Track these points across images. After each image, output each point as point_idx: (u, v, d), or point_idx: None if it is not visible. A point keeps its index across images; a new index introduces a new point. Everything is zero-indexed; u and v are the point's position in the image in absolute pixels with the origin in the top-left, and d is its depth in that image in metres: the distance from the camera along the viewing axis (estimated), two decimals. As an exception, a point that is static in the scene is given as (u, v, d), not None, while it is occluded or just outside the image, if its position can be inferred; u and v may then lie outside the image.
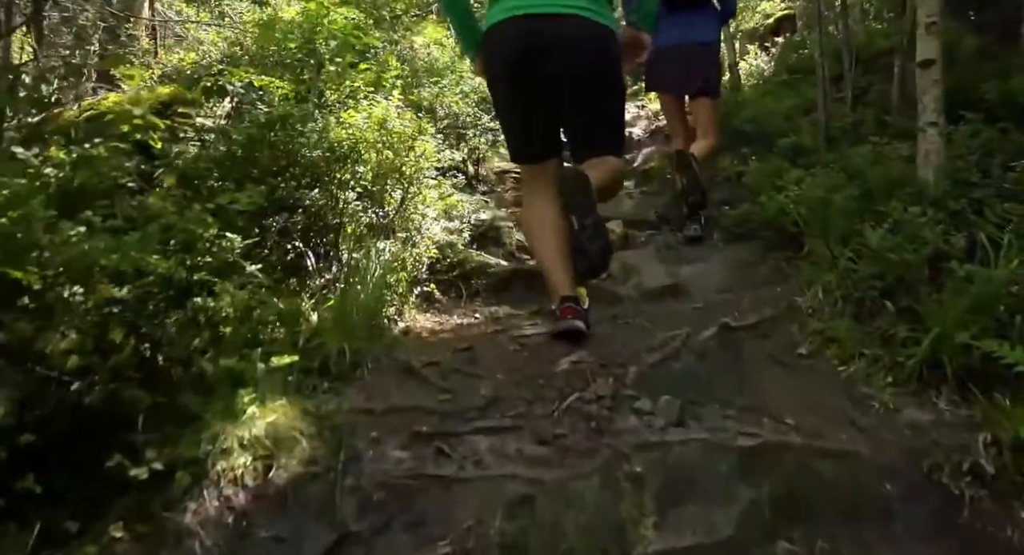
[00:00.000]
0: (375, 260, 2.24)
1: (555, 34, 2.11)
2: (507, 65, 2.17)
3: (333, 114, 2.47)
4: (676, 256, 3.51)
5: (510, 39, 2.15)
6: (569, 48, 2.12)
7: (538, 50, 2.10)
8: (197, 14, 4.67)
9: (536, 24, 2.11)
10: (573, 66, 2.14)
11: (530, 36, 2.11)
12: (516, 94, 2.21)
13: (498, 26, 2.16)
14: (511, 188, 4.94)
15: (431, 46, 6.18)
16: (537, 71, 2.13)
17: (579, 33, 2.13)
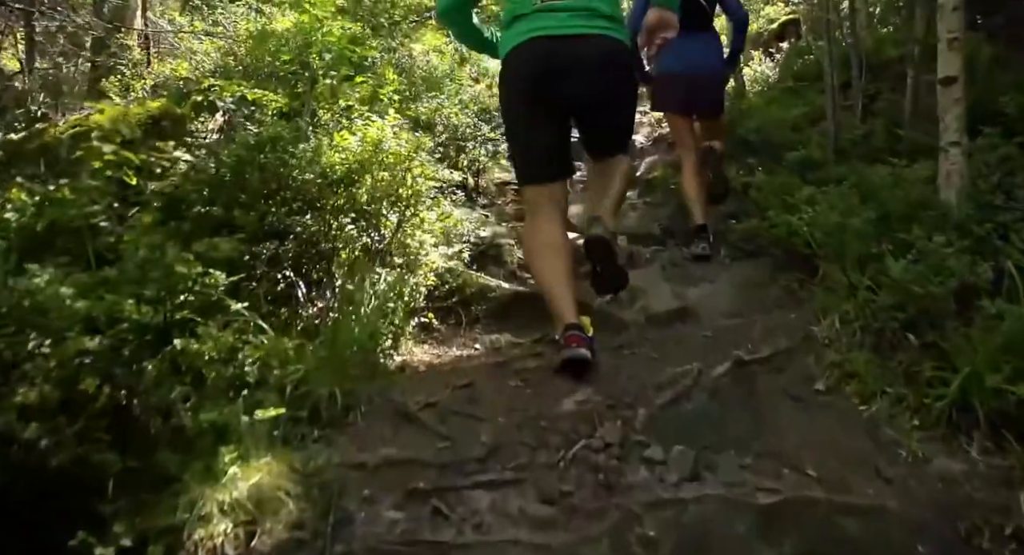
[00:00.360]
0: (370, 291, 2.13)
1: (573, 55, 2.12)
2: (526, 87, 2.18)
3: (326, 134, 2.36)
4: (683, 275, 3.39)
5: (527, 62, 2.16)
6: (588, 68, 2.14)
7: (557, 71, 2.12)
8: (191, 23, 4.57)
9: (554, 46, 2.12)
10: (592, 85, 2.16)
11: (548, 58, 2.12)
12: (534, 115, 2.20)
13: (515, 50, 2.17)
14: (512, 200, 4.83)
15: (430, 53, 6.08)
16: (556, 92, 2.14)
17: (597, 52, 2.15)
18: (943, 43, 2.32)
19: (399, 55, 5.50)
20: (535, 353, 2.40)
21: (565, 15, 2.13)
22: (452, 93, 4.80)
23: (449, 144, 4.42)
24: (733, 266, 3.54)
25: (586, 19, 2.15)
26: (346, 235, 2.22)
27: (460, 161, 4.48)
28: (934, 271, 1.98)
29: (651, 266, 3.56)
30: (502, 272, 3.37)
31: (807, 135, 4.23)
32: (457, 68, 6.13)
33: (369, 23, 5.39)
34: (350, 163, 2.16)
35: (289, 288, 2.17)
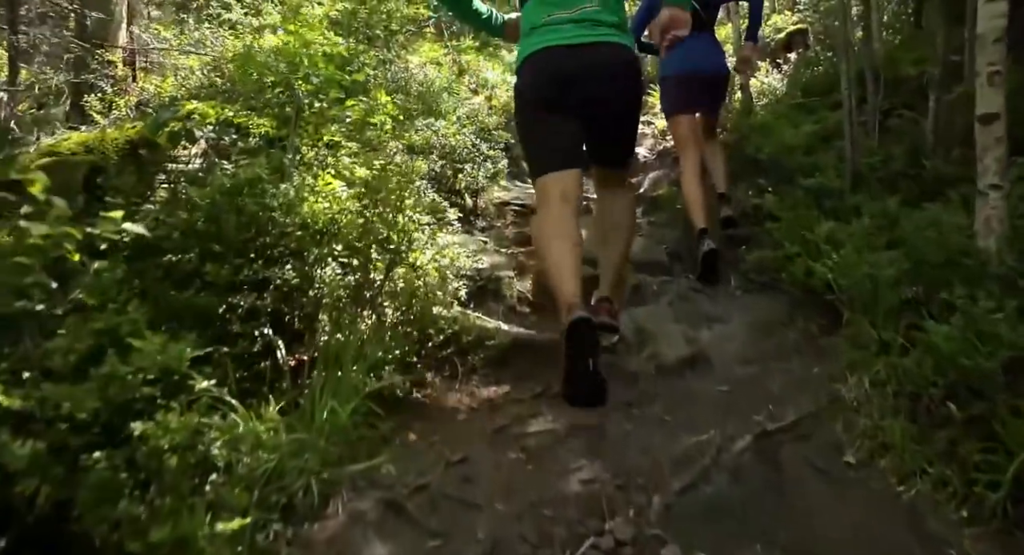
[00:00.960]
0: (355, 350, 1.93)
1: (582, 63, 2.23)
2: (538, 95, 2.29)
3: (310, 171, 2.16)
4: (693, 312, 3.19)
5: (539, 71, 2.28)
6: (596, 75, 2.24)
7: (567, 78, 2.23)
8: (177, 36, 4.37)
9: (564, 54, 2.23)
10: (600, 91, 2.27)
11: (558, 66, 2.24)
12: (547, 120, 2.30)
13: (528, 60, 2.30)
14: (511, 222, 4.63)
15: (427, 66, 5.88)
16: (567, 97, 2.25)
17: (605, 60, 2.26)
18: (983, 77, 2.12)
19: (395, 68, 5.30)
20: (536, 412, 2.21)
21: (573, 26, 2.25)
22: (449, 111, 4.60)
23: (446, 164, 4.23)
24: (745, 300, 3.35)
25: (593, 28, 2.26)
26: (330, 287, 2.02)
27: (457, 182, 4.28)
28: (981, 337, 1.79)
29: (659, 301, 3.36)
30: (501, 308, 3.18)
31: (821, 158, 4.01)
32: (455, 80, 5.93)
33: (364, 35, 5.19)
34: (333, 213, 1.97)
35: (267, 349, 1.98)
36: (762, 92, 6.49)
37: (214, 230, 2.09)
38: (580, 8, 2.27)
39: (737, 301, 3.34)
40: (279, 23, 3.28)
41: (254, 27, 4.61)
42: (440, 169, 4.17)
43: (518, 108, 2.44)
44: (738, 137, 5.13)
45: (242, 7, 4.35)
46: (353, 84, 3.04)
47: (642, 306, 3.28)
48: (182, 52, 4.19)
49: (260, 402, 1.81)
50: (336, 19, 5.00)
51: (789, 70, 6.65)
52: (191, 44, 4.34)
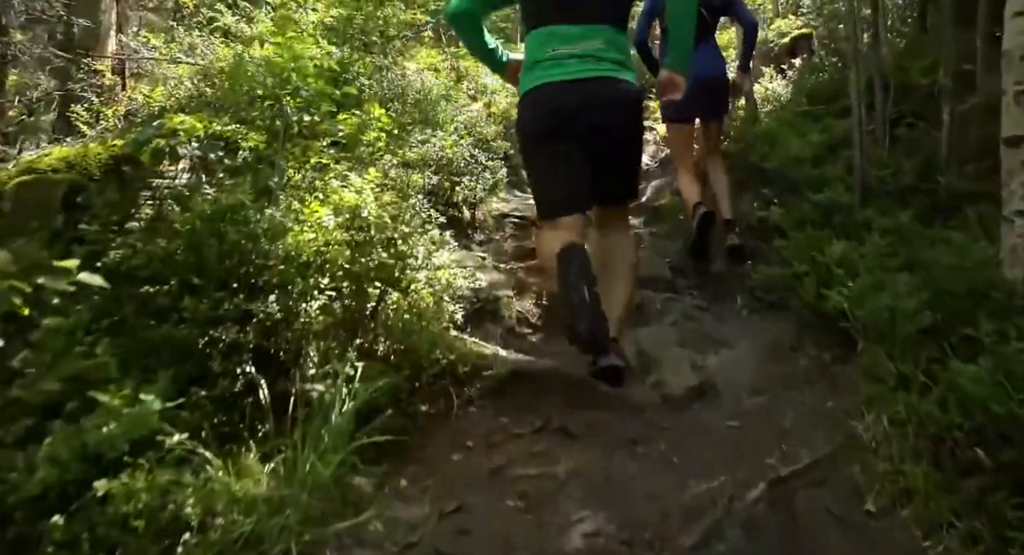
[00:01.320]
0: (344, 390, 1.82)
1: (584, 96, 2.23)
2: (541, 129, 2.29)
3: (296, 196, 2.04)
4: (699, 333, 3.08)
5: (544, 105, 2.27)
6: (598, 108, 2.24)
7: (569, 112, 2.23)
8: (167, 44, 4.25)
9: (566, 89, 2.23)
10: (603, 123, 2.27)
11: (560, 101, 2.24)
12: (549, 154, 2.30)
13: (530, 94, 2.30)
14: (510, 235, 4.51)
15: (425, 72, 5.76)
16: (568, 131, 2.24)
17: (606, 93, 2.26)
18: (1008, 96, 2.01)
19: (392, 75, 5.18)
20: (536, 450, 2.09)
21: (576, 61, 2.25)
22: (447, 121, 4.48)
23: (443, 176, 4.11)
24: (753, 320, 3.23)
25: (596, 63, 2.26)
26: (316, 321, 1.91)
27: (455, 195, 4.16)
28: (1010, 378, 1.67)
29: (663, 320, 3.24)
30: (500, 330, 3.06)
31: (829, 170, 3.89)
32: (453, 87, 5.81)
33: (361, 41, 5.07)
34: (319, 245, 1.85)
35: (249, 386, 1.86)
36: (766, 98, 6.37)
37: (194, 259, 1.97)
38: (584, 45, 2.27)
39: (744, 322, 3.23)
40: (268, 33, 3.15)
41: (246, 36, 4.49)
42: (437, 182, 4.05)
43: (521, 142, 2.44)
44: (742, 146, 5.00)
45: (233, 13, 4.23)
46: (345, 97, 2.91)
47: (645, 326, 3.16)
48: (171, 61, 4.06)
49: (240, 448, 1.69)
50: (331, 25, 4.89)
51: (794, 76, 6.53)
52: (182, 51, 4.22)
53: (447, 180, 4.05)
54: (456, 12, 2.41)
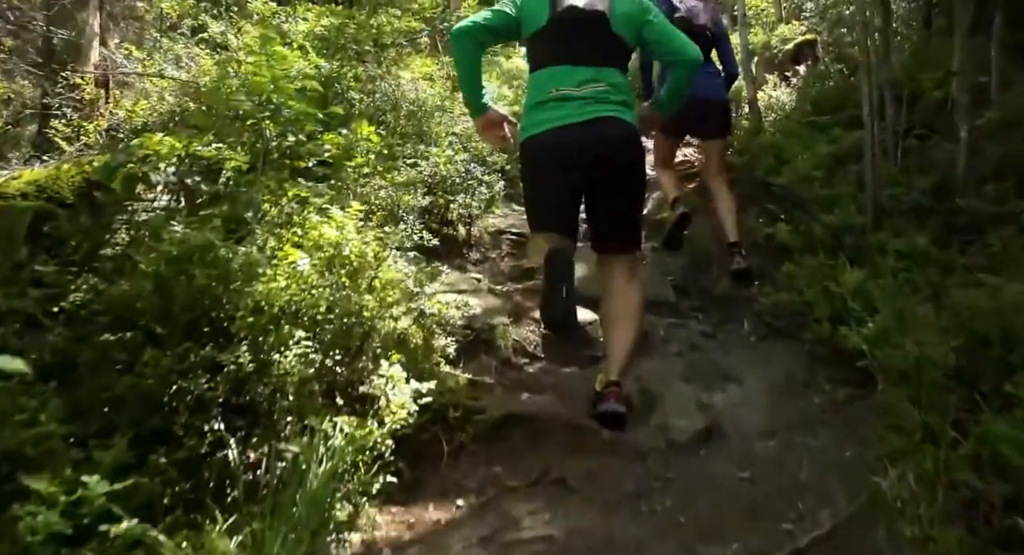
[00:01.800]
0: (321, 450, 1.66)
1: (584, 139, 2.28)
2: (543, 172, 2.38)
3: (273, 233, 1.88)
4: (705, 365, 2.92)
5: (545, 151, 2.33)
6: (597, 149, 2.29)
7: (570, 156, 2.29)
8: (150, 56, 4.09)
9: (568, 133, 2.29)
10: (600, 162, 2.32)
11: (562, 146, 2.30)
12: (549, 192, 2.41)
13: (534, 139, 2.36)
14: (507, 253, 4.35)
15: (420, 81, 5.60)
16: (569, 171, 2.31)
17: (606, 135, 2.30)
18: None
19: (385, 85, 5.02)
20: (532, 509, 1.93)
21: (578, 103, 2.30)
22: (441, 135, 4.31)
23: (437, 194, 3.95)
24: (761, 350, 3.07)
25: (597, 105, 2.31)
26: (291, 373, 1.75)
27: (449, 212, 4.01)
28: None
29: (667, 350, 3.09)
30: (495, 362, 2.90)
31: (838, 186, 3.73)
32: (449, 96, 5.65)
33: (353, 50, 4.91)
34: (291, 294, 1.69)
35: (218, 445, 1.70)
36: (769, 107, 6.21)
37: (160, 303, 1.81)
38: (589, 87, 2.32)
39: (752, 350, 3.07)
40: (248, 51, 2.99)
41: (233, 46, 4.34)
42: (431, 200, 3.90)
43: (524, 175, 2.54)
44: (747, 158, 4.84)
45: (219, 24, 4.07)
46: (331, 117, 2.75)
47: (648, 357, 3.00)
48: (151, 76, 3.90)
49: (204, 519, 1.54)
50: (322, 35, 4.74)
51: (798, 83, 6.37)
52: (168, 62, 4.06)
53: (441, 198, 3.90)
54: (463, 32, 2.37)
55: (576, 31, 2.35)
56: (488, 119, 2.53)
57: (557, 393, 2.70)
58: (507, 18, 2.41)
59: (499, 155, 4.91)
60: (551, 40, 2.38)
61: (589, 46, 2.35)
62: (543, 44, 2.41)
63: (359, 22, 4.79)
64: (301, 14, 4.53)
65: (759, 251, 4.16)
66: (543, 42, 2.40)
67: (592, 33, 2.35)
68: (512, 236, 4.47)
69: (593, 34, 2.35)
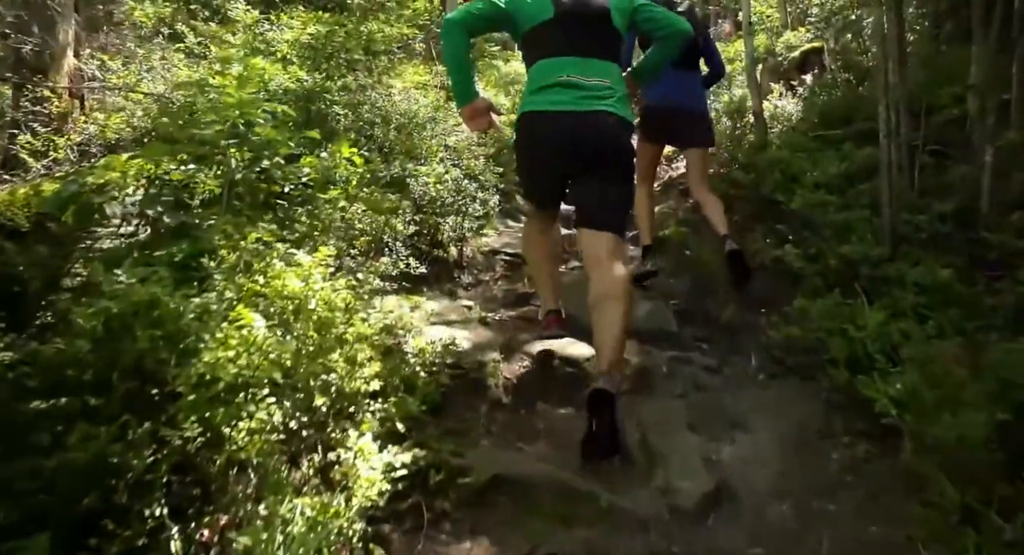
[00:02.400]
0: (278, 539, 1.45)
1: (579, 128, 2.42)
2: (537, 149, 2.53)
3: (231, 284, 1.66)
4: (711, 409, 2.70)
5: (541, 131, 2.48)
6: (590, 140, 2.43)
7: (564, 141, 2.43)
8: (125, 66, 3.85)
9: (565, 120, 2.42)
10: (591, 153, 2.45)
11: (558, 130, 2.43)
12: (540, 169, 2.61)
13: (533, 114, 2.48)
14: (501, 276, 4.14)
15: (412, 90, 5.39)
16: (561, 156, 2.48)
17: (599, 128, 2.43)
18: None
19: (375, 95, 4.80)
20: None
21: (578, 92, 2.42)
22: (432, 150, 4.10)
23: (426, 212, 3.74)
24: (772, 390, 2.86)
25: (599, 99, 2.43)
26: (247, 447, 1.53)
27: (440, 233, 3.80)
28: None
29: (670, 390, 2.87)
30: (485, 404, 2.68)
31: (852, 212, 3.51)
32: (442, 108, 5.44)
33: (343, 59, 4.69)
34: (240, 367, 1.47)
35: (161, 529, 1.49)
36: (774, 117, 6.00)
37: (98, 367, 1.59)
38: (592, 79, 2.44)
39: (762, 391, 2.85)
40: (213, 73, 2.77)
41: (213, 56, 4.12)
42: (421, 219, 3.69)
43: (518, 147, 2.61)
44: (753, 176, 4.63)
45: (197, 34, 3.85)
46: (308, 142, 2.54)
47: (649, 398, 2.79)
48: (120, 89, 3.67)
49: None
50: (309, 43, 4.52)
51: (804, 93, 6.16)
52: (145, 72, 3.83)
53: (431, 219, 3.69)
54: (453, 22, 2.47)
55: (582, 24, 2.47)
56: (474, 107, 2.61)
57: (551, 441, 2.50)
58: (498, 9, 2.50)
59: (495, 168, 4.69)
60: (557, 32, 2.47)
61: (594, 39, 2.49)
62: (548, 37, 2.48)
63: (348, 30, 4.57)
64: (286, 22, 4.31)
65: (766, 274, 3.96)
66: (548, 34, 2.48)
67: (596, 27, 2.49)
68: (506, 257, 4.26)
69: (597, 28, 2.49)
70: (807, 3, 8.67)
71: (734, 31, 9.41)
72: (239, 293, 1.67)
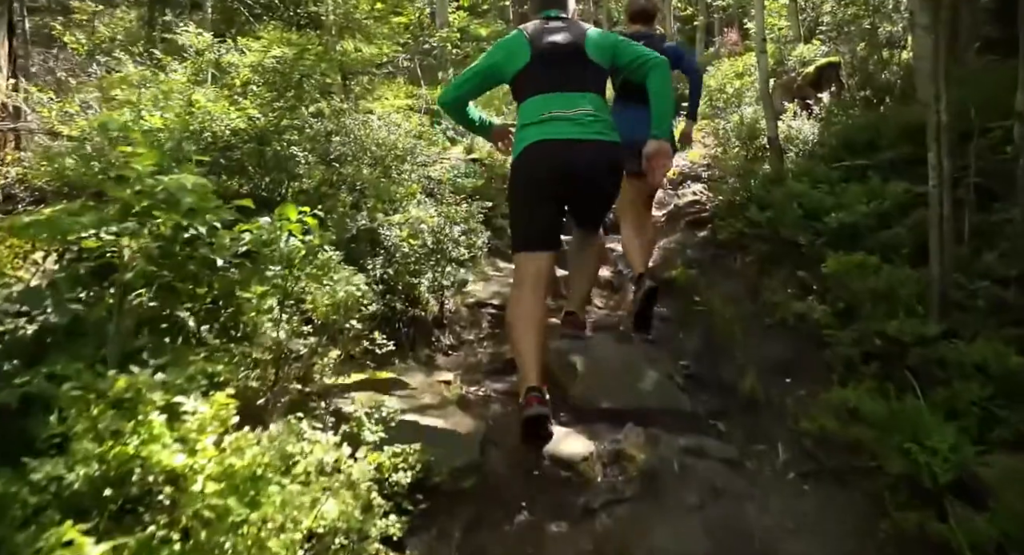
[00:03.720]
0: None
1: (571, 156, 2.59)
2: (532, 178, 2.66)
3: (83, 465, 1.18)
4: (735, 529, 2.21)
5: (535, 160, 2.63)
6: (581, 167, 2.62)
7: (557, 168, 2.61)
8: (56, 100, 3.35)
9: (557, 148, 2.58)
10: (583, 181, 2.66)
11: (551, 157, 2.60)
12: (536, 198, 2.67)
13: (527, 148, 2.63)
14: (487, 333, 3.64)
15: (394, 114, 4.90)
16: (555, 183, 2.64)
17: (590, 156, 2.62)
18: None
19: (351, 122, 4.32)
20: None
21: (567, 123, 2.59)
22: (412, 187, 3.61)
23: (400, 269, 3.25)
24: (809, 500, 2.36)
25: (584, 127, 2.60)
26: None
27: (416, 289, 3.31)
28: None
29: (682, 500, 2.38)
30: (457, 530, 2.20)
31: (895, 274, 2.99)
32: (426, 132, 4.96)
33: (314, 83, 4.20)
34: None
35: None
36: (789, 139, 5.49)
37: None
38: (577, 110, 2.61)
39: (796, 503, 2.36)
40: (121, 127, 2.29)
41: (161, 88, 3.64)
42: (395, 274, 3.20)
43: (513, 183, 2.76)
44: (770, 215, 4.14)
45: (135, 61, 3.36)
46: (233, 211, 2.05)
47: (658, 511, 2.31)
48: (45, 132, 3.19)
49: None
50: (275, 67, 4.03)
51: (821, 113, 5.67)
52: (82, 107, 3.35)
53: (405, 277, 3.20)
54: (446, 103, 2.86)
55: (558, 62, 2.67)
56: (497, 133, 3.07)
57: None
58: (479, 72, 2.79)
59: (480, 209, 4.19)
60: (537, 73, 2.67)
61: (571, 75, 2.66)
62: (530, 78, 2.69)
63: (317, 52, 4.08)
64: (245, 44, 3.82)
65: (788, 333, 3.47)
66: (529, 76, 2.68)
67: (572, 63, 2.67)
68: (493, 309, 3.77)
69: (572, 64, 2.67)
70: (818, 12, 8.20)
71: (740, 41, 8.94)
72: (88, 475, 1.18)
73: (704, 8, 13.25)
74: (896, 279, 2.84)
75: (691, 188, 5.92)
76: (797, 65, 6.48)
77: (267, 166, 3.07)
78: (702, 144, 7.34)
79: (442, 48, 6.14)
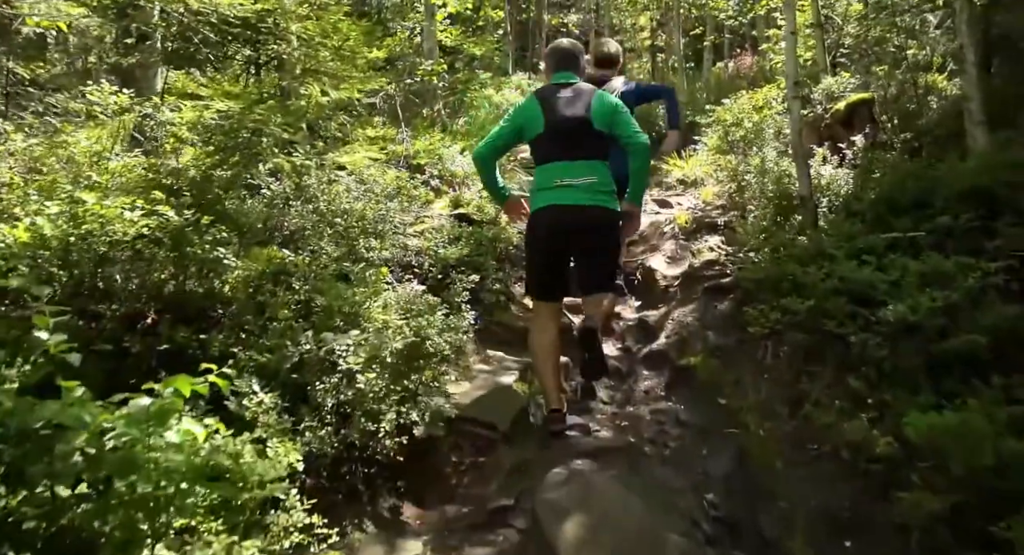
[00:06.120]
0: None
1: (575, 220, 3.01)
2: (542, 239, 3.10)
3: None
4: None
5: (545, 223, 3.07)
6: (584, 229, 3.03)
7: (564, 230, 3.04)
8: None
9: (564, 213, 3.02)
10: (586, 241, 3.07)
11: (559, 221, 3.03)
12: (545, 256, 3.14)
13: (538, 212, 3.10)
14: (470, 464, 2.93)
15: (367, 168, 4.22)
16: (564, 243, 3.09)
17: (592, 219, 3.03)
18: None
19: (314, 181, 3.63)
20: None
21: (573, 191, 3.01)
22: (372, 294, 2.91)
23: (354, 412, 2.57)
24: None
25: (589, 194, 3.01)
26: None
27: (377, 433, 2.62)
28: None
29: None
30: None
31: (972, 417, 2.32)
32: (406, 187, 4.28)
33: (272, 140, 3.51)
34: None
35: None
36: (818, 188, 4.79)
37: None
38: (583, 179, 3.01)
39: None
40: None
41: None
42: (351, 398, 2.53)
43: (527, 242, 3.24)
44: (812, 302, 3.45)
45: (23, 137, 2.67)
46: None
47: None
48: None
49: None
50: (219, 124, 3.35)
51: (855, 160, 4.99)
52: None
53: (366, 405, 2.53)
54: (483, 156, 3.17)
55: (567, 134, 3.05)
56: (510, 204, 3.33)
57: None
58: (513, 128, 3.16)
59: (465, 283, 3.51)
60: (549, 142, 3.08)
61: (579, 145, 3.05)
62: (543, 145, 3.11)
63: (269, 106, 3.40)
64: (174, 102, 3.14)
65: (841, 469, 2.79)
66: (543, 144, 3.10)
67: (580, 134, 3.04)
68: (483, 429, 3.05)
69: (580, 135, 3.04)
70: (839, 34, 7.53)
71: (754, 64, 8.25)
72: None
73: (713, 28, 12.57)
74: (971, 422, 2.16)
75: (707, 241, 5.22)
76: (823, 99, 5.79)
77: (184, 273, 2.40)
78: (715, 180, 6.68)
79: (427, 81, 5.47)
